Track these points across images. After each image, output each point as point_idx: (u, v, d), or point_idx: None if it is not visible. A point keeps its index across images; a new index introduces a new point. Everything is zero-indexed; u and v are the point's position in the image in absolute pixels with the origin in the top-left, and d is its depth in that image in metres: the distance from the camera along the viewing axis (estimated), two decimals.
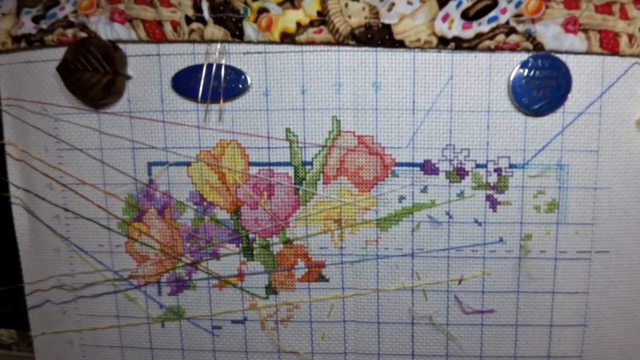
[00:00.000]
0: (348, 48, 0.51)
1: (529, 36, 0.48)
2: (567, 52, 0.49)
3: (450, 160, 0.52)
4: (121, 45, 0.53)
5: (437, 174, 0.53)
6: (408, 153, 0.53)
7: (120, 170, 0.56)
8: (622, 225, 0.53)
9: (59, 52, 0.53)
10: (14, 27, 0.53)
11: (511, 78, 0.50)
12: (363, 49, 0.51)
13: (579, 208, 0.52)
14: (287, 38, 0.50)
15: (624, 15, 0.48)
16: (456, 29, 0.49)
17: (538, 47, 0.49)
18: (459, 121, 0.52)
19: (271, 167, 0.54)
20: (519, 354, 0.56)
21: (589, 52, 0.49)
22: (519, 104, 0.50)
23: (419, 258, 0.55)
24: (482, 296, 0.55)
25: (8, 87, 0.55)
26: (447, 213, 0.53)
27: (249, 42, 0.51)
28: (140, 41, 0.52)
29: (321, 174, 0.54)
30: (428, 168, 0.53)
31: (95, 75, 0.51)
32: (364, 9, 0.49)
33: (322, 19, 0.50)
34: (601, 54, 0.49)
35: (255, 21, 0.50)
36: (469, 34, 0.49)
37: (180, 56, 0.53)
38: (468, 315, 0.55)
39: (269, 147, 0.54)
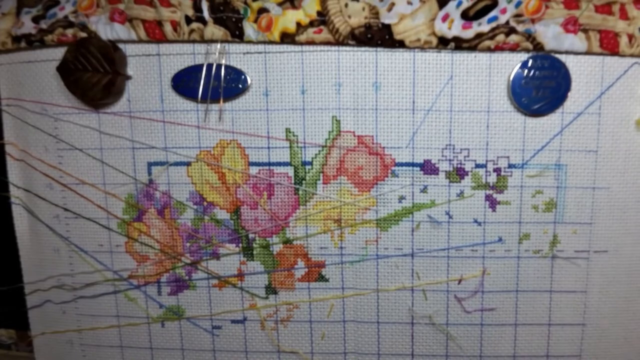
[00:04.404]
0: (348, 48, 0.51)
1: (529, 36, 0.48)
2: (567, 52, 0.49)
3: (450, 160, 0.52)
4: (121, 45, 0.53)
5: (437, 174, 0.53)
6: (408, 153, 0.53)
7: (120, 170, 0.56)
8: (620, 225, 0.53)
9: (59, 52, 0.53)
10: (14, 27, 0.52)
11: (511, 78, 0.50)
12: (363, 49, 0.51)
13: (577, 208, 0.53)
14: (287, 38, 0.50)
15: (624, 15, 0.48)
16: (456, 29, 0.49)
17: (538, 47, 0.49)
18: (459, 121, 0.52)
19: (271, 167, 0.54)
20: (518, 353, 0.56)
21: (588, 52, 0.49)
22: (518, 104, 0.50)
23: (418, 258, 0.55)
24: (482, 296, 0.55)
25: (8, 87, 0.55)
26: (447, 213, 0.54)
27: (249, 42, 0.51)
28: (140, 41, 0.52)
29: (321, 174, 0.54)
30: (428, 168, 0.53)
31: (95, 75, 0.51)
32: (364, 9, 0.49)
33: (322, 19, 0.50)
34: (601, 54, 0.49)
35: (255, 21, 0.50)
36: (469, 34, 0.49)
37: (180, 56, 0.53)
38: (468, 315, 0.55)
39: (269, 147, 0.54)
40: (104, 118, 0.55)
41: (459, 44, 0.49)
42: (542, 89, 0.50)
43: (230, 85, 0.52)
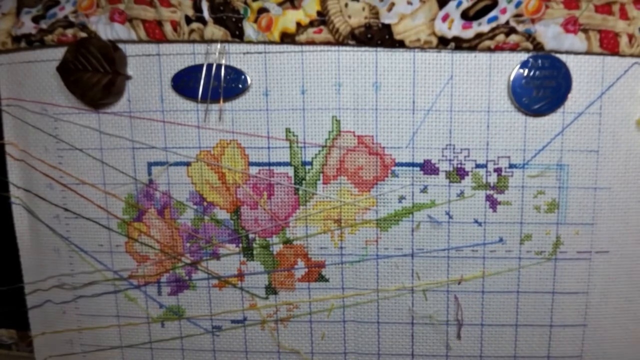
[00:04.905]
0: (348, 48, 0.51)
1: (529, 36, 0.48)
2: (567, 52, 0.49)
3: (450, 160, 0.52)
4: (121, 45, 0.53)
5: (437, 174, 0.53)
6: (408, 153, 0.53)
7: (120, 170, 0.56)
8: (622, 225, 0.53)
9: (59, 52, 0.53)
10: (14, 27, 0.53)
11: (511, 78, 0.50)
12: (363, 49, 0.51)
13: (579, 208, 0.52)
14: (287, 38, 0.50)
15: (624, 15, 0.48)
16: (456, 29, 0.49)
17: (538, 47, 0.49)
18: (459, 121, 0.52)
19: (271, 167, 0.54)
20: (519, 354, 0.56)
21: (589, 52, 0.49)
22: (519, 104, 0.50)
23: (419, 258, 0.55)
24: (482, 296, 0.55)
25: (8, 87, 0.55)
26: (447, 213, 0.53)
27: (249, 42, 0.51)
28: (140, 41, 0.52)
29: (321, 174, 0.54)
30: (428, 168, 0.53)
31: (95, 75, 0.51)
32: (364, 9, 0.49)
33: (322, 19, 0.50)
34: (601, 54, 0.49)
35: (255, 21, 0.50)
36: (469, 34, 0.49)
37: (180, 56, 0.53)
38: (468, 315, 0.55)
39: (269, 147, 0.54)
40: (104, 118, 0.55)
41: (459, 44, 0.49)
42: (543, 88, 0.50)
43: (230, 85, 0.52)
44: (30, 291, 0.60)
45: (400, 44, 0.50)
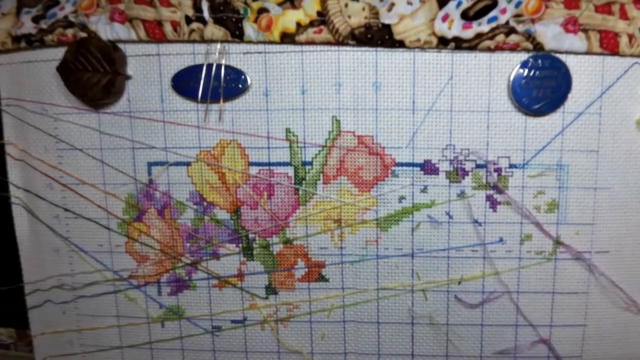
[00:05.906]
0: (348, 48, 0.51)
1: (529, 36, 0.48)
2: (567, 52, 0.49)
3: (450, 160, 0.52)
4: (121, 45, 0.53)
5: (437, 174, 0.53)
6: (408, 153, 0.53)
7: (120, 170, 0.56)
8: (622, 225, 0.53)
9: (59, 52, 0.53)
10: (14, 27, 0.53)
11: (511, 78, 0.50)
12: (363, 49, 0.51)
13: (579, 208, 0.52)
14: (287, 38, 0.50)
15: (624, 15, 0.48)
16: (456, 29, 0.49)
17: (538, 47, 0.49)
18: (459, 121, 0.52)
19: (271, 167, 0.54)
20: (519, 354, 0.56)
21: (589, 52, 0.49)
22: (519, 104, 0.50)
23: (419, 258, 0.55)
24: (482, 296, 0.55)
25: (8, 87, 0.55)
26: (447, 213, 0.53)
27: (249, 42, 0.51)
28: (140, 41, 0.52)
29: (321, 174, 0.54)
30: (428, 168, 0.53)
31: (95, 75, 0.51)
32: (364, 9, 0.49)
33: (322, 19, 0.50)
34: (601, 54, 0.49)
35: (255, 21, 0.50)
36: (468, 34, 0.49)
37: (180, 56, 0.53)
38: (468, 315, 0.55)
39: (269, 147, 0.54)
40: (104, 118, 0.55)
41: (459, 44, 0.49)
42: (543, 88, 0.50)
43: (230, 85, 0.52)
44: (30, 291, 0.60)
45: (400, 44, 0.50)
